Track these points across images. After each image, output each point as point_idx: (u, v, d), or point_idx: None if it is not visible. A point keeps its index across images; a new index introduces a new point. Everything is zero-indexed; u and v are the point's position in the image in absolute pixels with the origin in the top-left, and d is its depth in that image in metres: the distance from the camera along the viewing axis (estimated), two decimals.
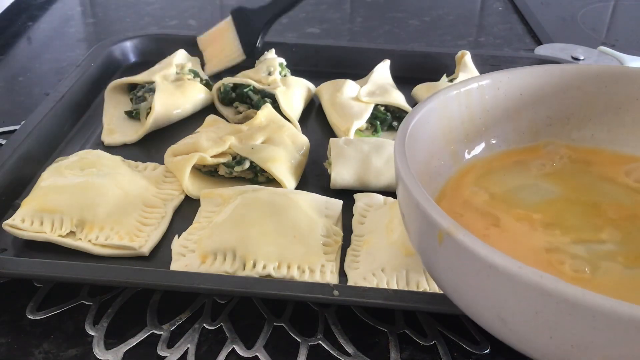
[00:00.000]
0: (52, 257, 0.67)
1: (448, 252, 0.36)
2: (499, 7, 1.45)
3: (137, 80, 0.94)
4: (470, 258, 0.34)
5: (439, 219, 0.36)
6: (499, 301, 0.34)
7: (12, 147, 0.78)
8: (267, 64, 0.97)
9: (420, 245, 0.41)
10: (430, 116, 0.48)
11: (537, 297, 0.31)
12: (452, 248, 0.35)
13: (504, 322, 0.35)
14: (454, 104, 0.50)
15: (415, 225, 0.41)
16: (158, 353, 0.59)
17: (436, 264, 0.40)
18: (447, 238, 0.35)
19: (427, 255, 0.41)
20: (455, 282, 0.38)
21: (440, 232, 0.36)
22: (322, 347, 0.60)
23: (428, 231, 0.38)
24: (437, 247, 0.37)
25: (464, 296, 0.38)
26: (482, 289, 0.35)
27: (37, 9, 1.34)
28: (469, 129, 0.52)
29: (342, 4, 1.45)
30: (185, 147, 0.80)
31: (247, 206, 0.70)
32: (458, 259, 0.36)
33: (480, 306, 0.37)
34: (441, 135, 0.50)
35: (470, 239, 0.34)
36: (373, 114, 0.91)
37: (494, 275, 0.33)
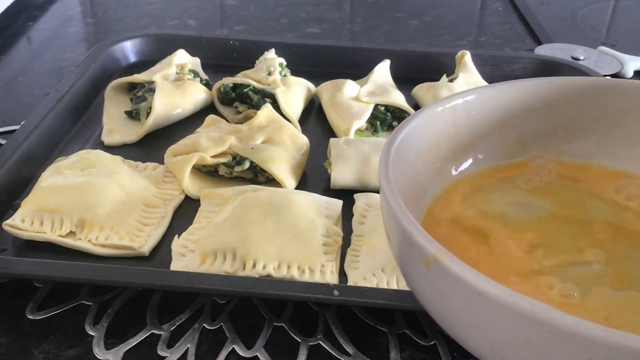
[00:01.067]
0: (52, 257, 0.67)
1: (436, 278, 0.35)
2: (499, 7, 1.45)
3: (137, 80, 0.94)
4: (458, 285, 0.33)
5: (426, 244, 0.35)
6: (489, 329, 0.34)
7: (12, 147, 0.78)
8: (267, 64, 0.97)
9: (407, 270, 0.40)
10: (415, 133, 0.47)
11: (528, 326, 0.31)
12: (440, 274, 0.34)
13: (496, 352, 0.34)
14: (440, 120, 0.49)
15: (402, 249, 0.39)
16: (158, 353, 0.59)
17: (424, 289, 0.39)
18: (435, 264, 0.34)
19: (414, 279, 0.40)
20: (444, 308, 0.37)
21: (428, 257, 0.35)
22: (322, 347, 0.60)
23: (415, 256, 0.37)
24: (424, 272, 0.36)
25: (453, 323, 0.37)
26: (472, 316, 0.34)
27: (37, 9, 1.34)
28: (455, 145, 0.51)
29: (342, 4, 1.45)
30: (185, 147, 0.80)
31: (247, 206, 0.70)
32: (446, 285, 0.35)
33: (470, 334, 0.36)
34: (427, 152, 0.49)
35: (458, 265, 0.33)
36: (373, 114, 0.91)
37: (484, 302, 0.32)
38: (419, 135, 0.48)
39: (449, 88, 0.94)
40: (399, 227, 0.38)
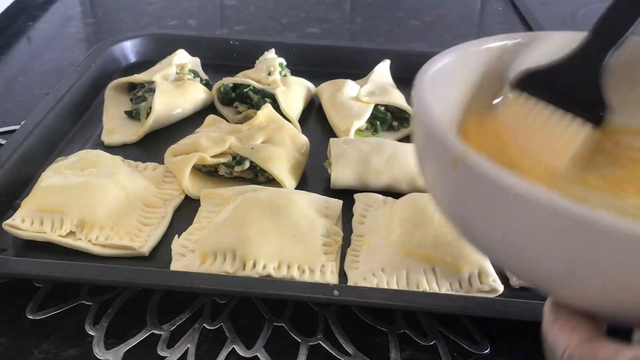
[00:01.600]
0: (52, 257, 0.67)
1: (461, 176, 0.37)
2: (499, 7, 1.45)
3: (137, 80, 0.94)
4: (482, 181, 0.35)
5: (453, 144, 0.37)
6: (508, 221, 0.36)
7: (12, 147, 0.78)
8: (267, 64, 0.97)
9: (430, 172, 0.43)
10: (448, 69, 0.49)
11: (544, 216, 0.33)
12: (465, 171, 0.36)
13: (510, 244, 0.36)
14: (473, 61, 0.51)
15: (427, 152, 0.42)
16: (158, 353, 0.59)
17: (446, 190, 0.41)
18: (461, 163, 0.36)
19: (436, 182, 0.42)
20: (464, 207, 0.39)
21: (454, 157, 0.37)
22: (322, 347, 0.60)
23: (441, 157, 0.39)
24: (449, 172, 0.38)
25: (474, 224, 0.39)
26: (493, 211, 0.36)
27: (37, 9, 1.34)
28: (486, 86, 0.52)
29: (342, 4, 1.45)
30: (185, 147, 0.80)
31: (247, 206, 0.70)
32: (471, 183, 0.37)
33: (489, 231, 0.38)
34: (458, 89, 0.51)
35: (483, 163, 0.35)
36: (373, 114, 0.91)
37: (505, 196, 0.34)
38: (451, 72, 0.50)
39: None
40: (425, 129, 0.40)
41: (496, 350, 0.61)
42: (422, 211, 0.71)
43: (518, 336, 0.62)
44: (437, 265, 0.66)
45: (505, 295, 0.64)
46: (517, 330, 0.62)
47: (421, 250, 0.66)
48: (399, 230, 0.69)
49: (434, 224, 0.69)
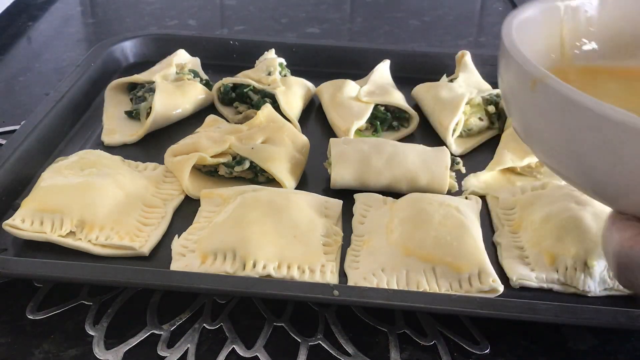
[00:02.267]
0: (52, 257, 0.67)
1: (539, 97, 0.42)
2: (499, 7, 1.45)
3: (137, 80, 0.94)
4: (557, 98, 0.40)
5: (533, 69, 0.42)
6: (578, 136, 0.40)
7: (12, 147, 0.78)
8: (267, 64, 0.97)
9: (513, 95, 0.48)
10: (532, 21, 0.52)
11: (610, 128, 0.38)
12: (543, 92, 0.41)
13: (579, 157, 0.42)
14: (557, 16, 0.54)
15: (511, 77, 0.47)
16: (158, 353, 0.59)
17: (526, 111, 0.46)
18: (540, 84, 0.41)
19: (517, 103, 0.47)
20: (539, 123, 0.44)
21: (534, 79, 0.42)
22: (322, 347, 0.60)
23: (521, 80, 0.44)
24: (530, 95, 0.43)
25: (546, 137, 0.44)
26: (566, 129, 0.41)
27: (37, 9, 1.34)
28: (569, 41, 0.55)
29: (342, 4, 1.45)
30: (185, 147, 0.80)
31: (247, 206, 0.70)
32: (546, 101, 0.42)
33: (559, 144, 0.43)
34: (541, 42, 0.54)
35: (560, 84, 0.40)
36: (373, 114, 0.91)
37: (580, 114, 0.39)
38: (535, 24, 0.53)
39: (449, 88, 0.94)
40: (511, 59, 0.45)
41: (496, 350, 0.61)
42: (422, 211, 0.71)
43: (518, 336, 0.62)
44: (437, 265, 0.66)
45: (505, 295, 0.64)
46: (517, 330, 0.62)
47: (421, 250, 0.66)
48: (399, 231, 0.69)
49: (434, 224, 0.69)
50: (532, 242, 0.69)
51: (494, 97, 0.92)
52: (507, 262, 0.69)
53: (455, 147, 0.89)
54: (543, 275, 0.66)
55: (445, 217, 0.70)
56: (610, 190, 0.42)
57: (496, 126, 0.92)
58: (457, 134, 0.90)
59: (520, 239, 0.71)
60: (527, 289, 0.66)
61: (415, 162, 0.79)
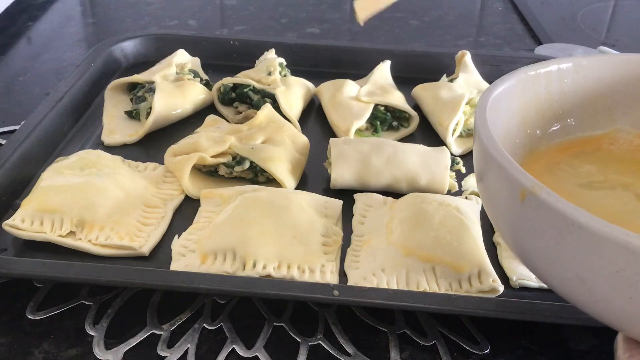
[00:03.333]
0: (52, 257, 0.67)
1: (529, 211, 0.37)
2: (499, 7, 1.45)
3: (137, 80, 0.94)
4: (553, 216, 0.35)
5: (522, 178, 0.37)
6: (579, 260, 0.35)
7: (12, 147, 0.78)
8: (267, 64, 0.97)
9: (498, 206, 0.43)
10: (508, 93, 0.49)
11: (621, 255, 0.32)
12: (534, 207, 0.36)
13: (583, 282, 0.36)
14: (533, 84, 0.51)
15: (495, 185, 0.42)
16: (158, 353, 0.59)
17: (514, 224, 0.40)
18: (530, 197, 0.36)
19: (504, 215, 0.42)
20: (532, 241, 0.39)
21: (523, 191, 0.37)
22: (322, 347, 0.60)
23: (509, 190, 0.39)
24: (518, 206, 0.38)
25: (540, 256, 0.39)
26: (562, 247, 0.36)
27: (37, 9, 1.34)
28: (544, 110, 0.52)
29: (342, 4, 1.45)
30: (185, 147, 0.80)
31: (247, 206, 0.70)
32: (540, 218, 0.36)
33: (558, 266, 0.38)
34: (518, 113, 0.51)
35: (554, 198, 0.35)
36: (373, 114, 0.91)
37: (577, 233, 0.34)
38: (512, 95, 0.50)
39: (449, 88, 0.94)
40: (494, 163, 0.40)
41: (496, 350, 0.61)
42: (422, 211, 0.71)
43: (518, 336, 0.62)
44: (437, 265, 0.66)
45: (505, 295, 0.64)
46: (517, 330, 0.62)
47: (421, 250, 0.66)
48: (399, 230, 0.69)
49: (434, 224, 0.69)
50: None
51: None
52: (507, 262, 0.69)
53: (455, 147, 0.89)
54: None
55: (445, 217, 0.70)
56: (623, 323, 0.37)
57: None
58: (457, 134, 0.90)
59: None
60: (527, 289, 0.66)
61: (415, 162, 0.79)
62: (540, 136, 0.52)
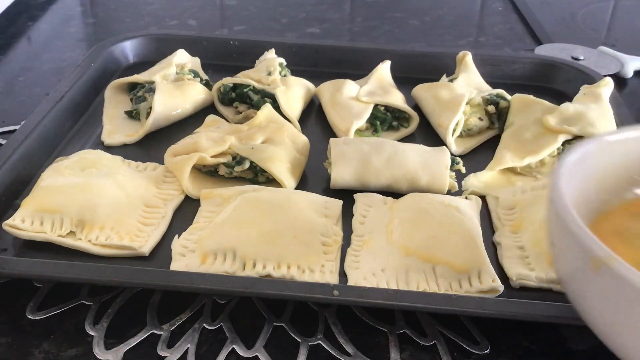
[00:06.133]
0: (52, 257, 0.67)
1: (602, 281, 0.37)
2: (499, 7, 1.45)
3: (137, 80, 0.94)
4: (626, 288, 0.35)
5: (596, 247, 0.37)
6: None
7: (12, 147, 0.78)
8: (267, 64, 0.97)
9: (570, 273, 0.42)
10: (585, 158, 0.48)
11: None
12: (608, 277, 0.36)
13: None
14: (611, 151, 0.51)
15: (568, 252, 0.41)
16: (158, 353, 0.59)
17: (585, 292, 0.41)
18: (604, 267, 0.36)
19: (575, 282, 0.42)
20: (603, 310, 0.39)
21: (596, 261, 0.36)
22: (322, 347, 0.60)
23: (581, 259, 0.38)
24: (590, 275, 0.38)
25: (610, 324, 0.39)
26: (633, 318, 0.36)
27: (37, 9, 1.34)
28: (622, 177, 0.51)
29: (342, 4, 1.45)
30: (185, 147, 0.80)
31: (247, 206, 0.70)
32: (612, 288, 0.36)
33: (628, 335, 0.38)
34: (594, 179, 0.50)
35: (627, 270, 0.35)
36: (373, 114, 0.91)
37: None
38: (588, 161, 0.49)
39: (449, 88, 0.94)
40: (567, 230, 0.39)
41: (496, 350, 0.61)
42: (422, 211, 0.71)
43: (518, 336, 0.62)
44: (437, 266, 0.66)
45: (505, 295, 0.64)
46: (517, 330, 0.62)
47: (421, 250, 0.66)
48: (399, 231, 0.69)
49: (434, 224, 0.69)
50: (532, 242, 0.69)
51: (494, 97, 0.92)
52: (507, 262, 0.69)
53: (455, 147, 0.89)
54: (543, 275, 0.66)
55: (446, 217, 0.70)
56: None
57: (496, 126, 0.92)
58: (457, 134, 0.90)
59: (520, 239, 0.71)
60: (527, 289, 0.66)
61: (415, 162, 0.79)
62: (613, 200, 0.51)
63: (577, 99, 0.91)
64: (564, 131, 0.83)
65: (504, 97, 0.93)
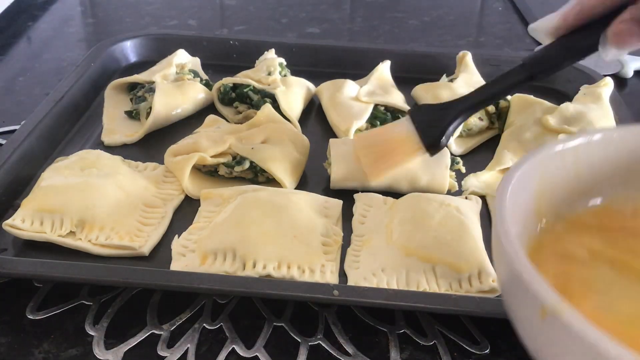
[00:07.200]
0: (52, 257, 0.67)
1: (551, 329, 0.34)
2: (499, 7, 1.45)
3: (137, 80, 0.94)
4: (577, 340, 0.32)
5: (544, 294, 0.34)
6: None
7: (12, 147, 0.78)
8: (267, 64, 0.97)
9: (519, 316, 0.39)
10: (530, 173, 0.44)
11: None
12: (557, 326, 0.33)
13: None
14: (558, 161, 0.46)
15: (516, 295, 0.38)
16: (158, 353, 0.59)
17: (535, 338, 0.38)
18: (552, 316, 0.33)
19: (525, 326, 0.39)
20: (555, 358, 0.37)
21: (544, 308, 0.34)
22: (322, 347, 0.60)
23: (530, 304, 0.35)
24: (539, 322, 0.35)
25: None
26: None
27: (37, 9, 1.34)
28: (572, 188, 0.48)
29: (342, 4, 1.45)
30: (185, 147, 0.80)
31: (247, 206, 0.70)
32: (562, 338, 0.34)
33: None
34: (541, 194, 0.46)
35: (577, 321, 0.32)
36: (373, 114, 0.91)
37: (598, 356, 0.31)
38: (535, 176, 0.45)
39: (449, 88, 0.94)
40: (514, 273, 0.36)
41: (496, 350, 0.61)
42: (422, 211, 0.71)
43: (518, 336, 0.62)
44: (437, 266, 0.66)
45: None
46: None
47: (421, 250, 0.66)
48: (399, 230, 0.69)
49: (434, 224, 0.69)
50: None
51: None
52: None
53: (455, 147, 0.89)
54: None
55: (446, 217, 0.70)
56: None
57: (496, 126, 0.92)
58: (457, 134, 0.90)
59: None
60: None
61: (415, 163, 0.79)
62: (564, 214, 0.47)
63: (577, 99, 0.91)
64: (564, 131, 0.83)
65: (504, 97, 0.93)
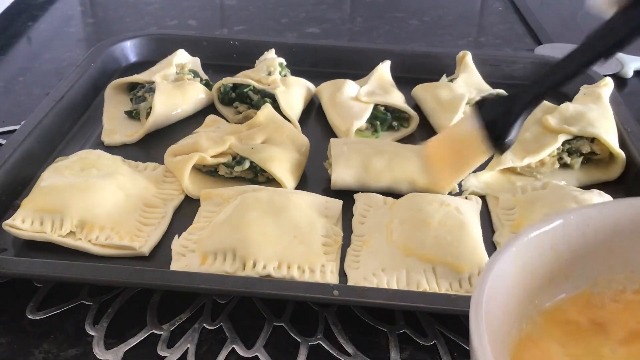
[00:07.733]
0: (52, 257, 0.67)
1: None
2: (499, 7, 1.45)
3: (137, 80, 0.94)
4: None
5: None
6: None
7: (12, 147, 0.78)
8: (267, 64, 0.97)
9: None
10: (507, 267, 0.41)
11: None
12: None
13: None
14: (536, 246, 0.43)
15: None
16: (158, 353, 0.59)
17: None
18: None
19: None
20: None
21: None
22: (322, 347, 0.60)
23: None
24: None
25: None
26: None
27: (37, 9, 1.34)
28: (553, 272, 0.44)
29: (342, 4, 1.45)
30: (185, 147, 0.80)
31: (247, 206, 0.70)
32: None
33: None
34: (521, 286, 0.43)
35: None
36: (373, 114, 0.91)
37: None
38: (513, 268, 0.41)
39: (449, 88, 0.94)
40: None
41: None
42: (422, 211, 0.71)
43: None
44: (437, 266, 0.66)
45: None
46: None
47: (421, 250, 0.66)
48: (399, 231, 0.69)
49: (434, 224, 0.69)
50: None
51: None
52: None
53: None
54: None
55: (446, 217, 0.70)
56: None
57: None
58: None
59: None
60: None
61: (415, 164, 0.79)
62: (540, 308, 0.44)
63: (577, 99, 0.91)
64: (564, 131, 0.83)
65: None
